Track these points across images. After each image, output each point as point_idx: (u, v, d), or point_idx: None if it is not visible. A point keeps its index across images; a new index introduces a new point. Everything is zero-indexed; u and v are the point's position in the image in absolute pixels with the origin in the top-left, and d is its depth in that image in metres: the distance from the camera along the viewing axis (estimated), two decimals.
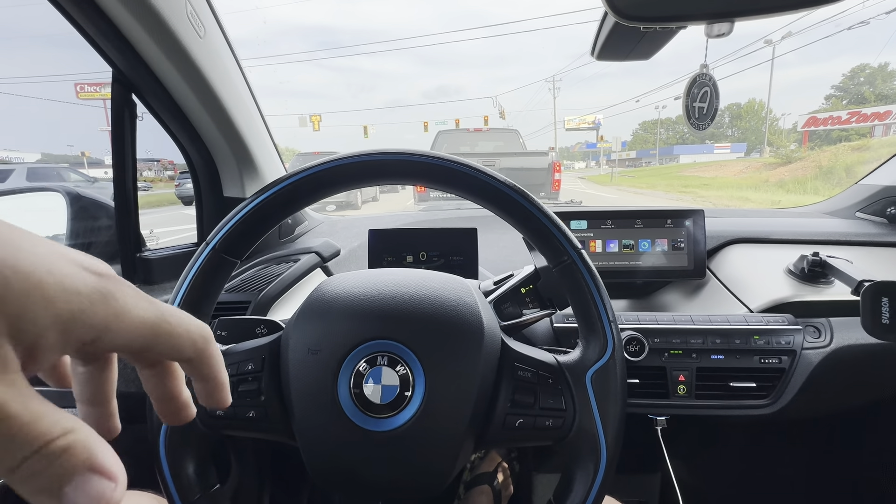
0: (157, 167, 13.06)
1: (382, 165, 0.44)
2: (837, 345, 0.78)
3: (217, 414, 0.42)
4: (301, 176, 0.44)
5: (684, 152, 41.25)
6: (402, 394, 0.41)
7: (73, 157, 12.90)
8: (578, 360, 0.44)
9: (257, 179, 0.96)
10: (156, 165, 12.92)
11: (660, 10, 0.54)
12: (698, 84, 0.66)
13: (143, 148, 0.83)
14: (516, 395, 0.43)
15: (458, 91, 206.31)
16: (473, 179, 0.44)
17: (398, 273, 0.49)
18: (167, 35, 0.63)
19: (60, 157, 12.76)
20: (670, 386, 0.77)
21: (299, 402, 0.41)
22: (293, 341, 0.43)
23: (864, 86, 36.73)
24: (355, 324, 0.43)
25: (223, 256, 0.44)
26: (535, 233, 0.45)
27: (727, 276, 0.94)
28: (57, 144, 28.62)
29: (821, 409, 0.85)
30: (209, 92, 0.75)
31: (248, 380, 0.43)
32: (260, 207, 0.44)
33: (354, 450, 0.41)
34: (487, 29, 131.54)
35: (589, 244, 0.97)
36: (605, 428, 0.42)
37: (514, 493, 1.09)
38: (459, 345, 0.42)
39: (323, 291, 0.46)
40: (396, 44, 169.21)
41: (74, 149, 14.05)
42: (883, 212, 1.14)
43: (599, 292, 0.44)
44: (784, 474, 1.20)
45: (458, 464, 0.42)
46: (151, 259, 0.81)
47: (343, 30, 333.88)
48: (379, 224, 1.18)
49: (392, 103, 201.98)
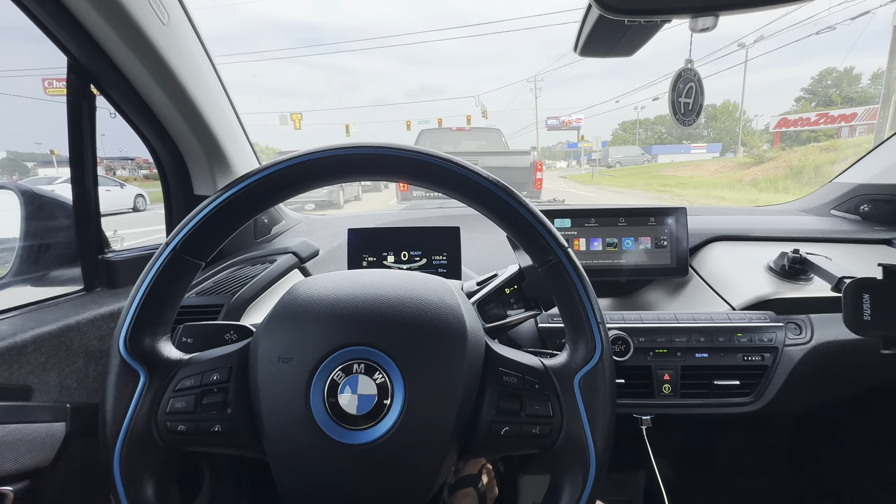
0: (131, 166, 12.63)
1: (362, 160, 0.42)
2: (818, 341, 0.78)
3: (178, 429, 0.39)
4: (272, 170, 0.41)
5: (662, 152, 42.09)
6: (380, 403, 0.38)
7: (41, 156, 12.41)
8: (566, 364, 0.42)
9: (229, 176, 0.92)
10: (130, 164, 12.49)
11: (645, 3, 0.53)
12: (683, 79, 0.65)
13: (118, 146, 0.79)
14: (501, 402, 0.41)
15: (441, 90, 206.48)
16: (457, 176, 0.42)
17: (375, 274, 0.46)
18: (125, 20, 0.58)
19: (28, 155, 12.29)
20: (655, 385, 0.77)
21: (269, 414, 0.38)
22: (262, 349, 0.40)
23: (832, 88, 38.09)
24: (329, 329, 0.40)
25: (185, 258, 0.41)
26: (520, 231, 0.43)
27: (709, 273, 0.95)
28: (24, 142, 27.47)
29: (803, 404, 0.86)
30: (175, 83, 0.70)
31: (214, 391, 0.40)
32: (226, 205, 0.41)
33: (329, 465, 0.38)
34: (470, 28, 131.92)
35: (573, 243, 0.96)
36: (594, 435, 0.40)
37: (498, 494, 1.07)
38: (441, 349, 0.40)
39: (295, 295, 0.43)
40: (379, 42, 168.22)
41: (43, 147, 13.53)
42: (856, 209, 1.16)
43: (587, 293, 0.42)
44: (767, 469, 1.21)
45: (440, 476, 0.40)
46: (115, 261, 0.77)
47: (325, 27, 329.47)
48: (359, 223, 1.15)
49: (375, 102, 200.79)
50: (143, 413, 0.39)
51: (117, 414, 0.38)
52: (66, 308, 0.68)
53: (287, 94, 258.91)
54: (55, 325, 0.63)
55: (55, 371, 0.62)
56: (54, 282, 0.80)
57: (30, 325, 0.61)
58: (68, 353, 0.64)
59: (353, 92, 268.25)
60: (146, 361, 0.40)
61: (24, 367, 0.59)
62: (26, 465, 0.54)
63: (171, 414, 0.39)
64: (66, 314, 0.65)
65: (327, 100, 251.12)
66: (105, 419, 0.39)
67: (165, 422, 0.39)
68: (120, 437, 0.38)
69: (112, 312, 0.71)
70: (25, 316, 0.64)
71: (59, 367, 0.62)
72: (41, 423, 0.57)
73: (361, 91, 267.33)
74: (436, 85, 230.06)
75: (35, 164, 13.55)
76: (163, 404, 0.39)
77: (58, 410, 0.60)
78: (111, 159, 10.99)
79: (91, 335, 0.67)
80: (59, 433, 0.58)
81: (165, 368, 0.40)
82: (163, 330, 0.42)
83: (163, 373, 0.40)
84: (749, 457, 1.22)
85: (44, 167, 12.90)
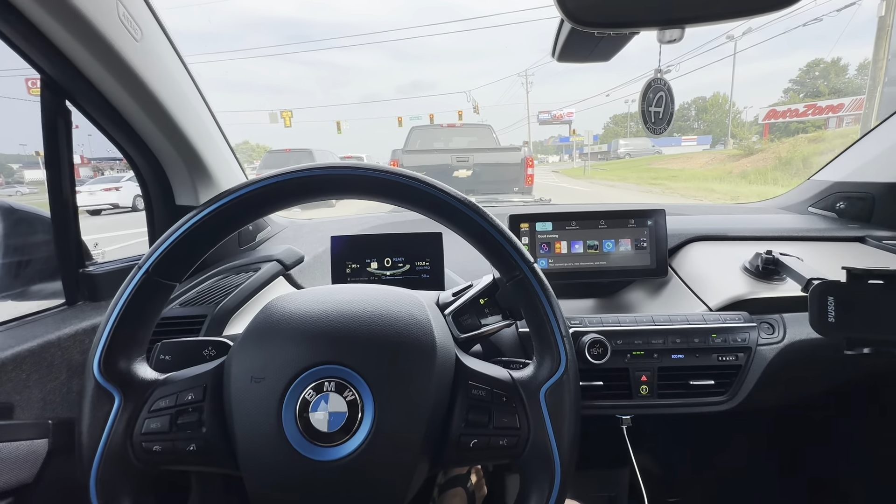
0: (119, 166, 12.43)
1: (330, 180, 0.42)
2: (790, 340, 0.80)
3: (154, 449, 0.40)
4: (242, 192, 0.42)
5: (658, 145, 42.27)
6: (350, 420, 0.39)
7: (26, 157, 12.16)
8: (532, 377, 0.43)
9: (211, 186, 0.92)
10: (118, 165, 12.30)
11: (611, 17, 0.54)
12: (653, 89, 0.66)
13: (105, 147, 0.78)
14: (470, 415, 0.42)
15: (431, 86, 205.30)
16: (425, 195, 0.43)
17: (347, 290, 0.47)
18: (97, 40, 0.58)
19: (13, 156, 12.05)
20: (633, 386, 0.78)
21: (243, 433, 0.39)
22: (235, 369, 0.41)
23: (820, 80, 38.40)
24: (300, 348, 0.41)
25: (158, 280, 0.42)
26: (487, 247, 0.44)
27: (688, 273, 0.96)
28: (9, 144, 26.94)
29: (776, 401, 0.88)
30: (151, 97, 0.70)
31: (189, 410, 0.41)
32: (198, 227, 0.41)
33: (302, 482, 0.39)
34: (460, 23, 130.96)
35: (555, 245, 0.97)
36: (560, 444, 0.41)
37: (487, 493, 1.09)
38: (410, 364, 0.41)
39: (268, 314, 0.44)
40: (369, 37, 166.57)
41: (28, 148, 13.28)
42: (833, 206, 1.19)
43: (552, 306, 0.43)
44: (743, 463, 1.25)
45: (411, 488, 0.41)
46: (97, 274, 0.76)
47: (313, 23, 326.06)
48: (344, 227, 1.15)
49: (365, 98, 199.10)
50: (118, 434, 0.40)
51: (92, 436, 0.39)
52: (48, 323, 0.68)
53: (277, 91, 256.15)
54: (35, 341, 0.63)
55: (37, 387, 0.62)
56: (36, 296, 0.79)
57: (10, 343, 0.61)
58: (50, 369, 0.64)
59: (344, 89, 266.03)
60: (121, 383, 0.40)
61: (4, 385, 0.59)
62: (8, 483, 0.55)
63: (146, 434, 0.40)
64: (46, 329, 0.65)
65: (317, 97, 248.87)
66: (81, 440, 0.39)
67: (141, 442, 0.40)
68: (96, 458, 0.39)
69: (94, 326, 0.71)
70: (5, 333, 0.65)
71: (41, 383, 0.63)
72: (23, 441, 0.58)
73: (352, 88, 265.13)
74: (427, 81, 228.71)
75: (21, 166, 13.30)
76: (138, 425, 0.40)
77: (40, 427, 0.60)
78: (99, 160, 10.81)
79: (73, 349, 0.67)
80: (42, 450, 0.59)
81: (140, 389, 0.41)
82: (137, 351, 0.42)
83: (138, 394, 0.41)
84: (726, 452, 1.25)
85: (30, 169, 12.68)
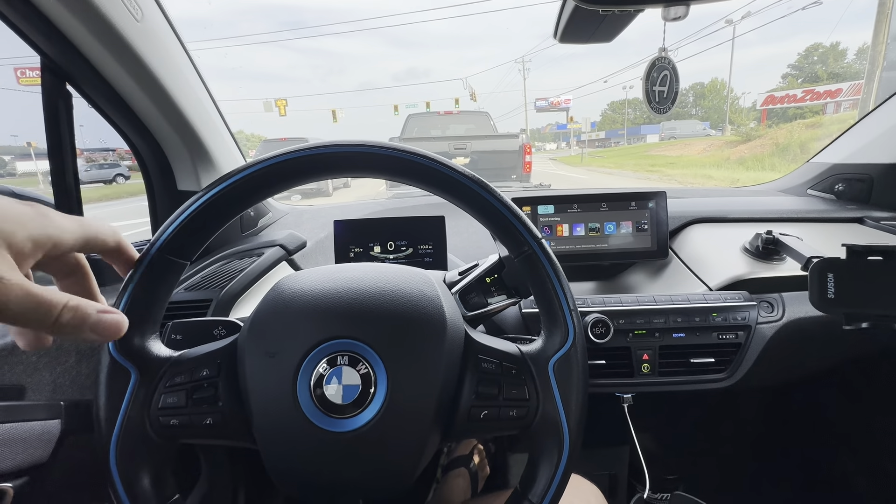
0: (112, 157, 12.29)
1: (338, 158, 0.42)
2: (789, 318, 0.82)
3: (171, 423, 0.40)
4: (251, 170, 0.42)
5: (651, 132, 42.09)
6: (364, 392, 0.40)
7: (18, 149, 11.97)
8: (541, 350, 0.44)
9: (213, 171, 0.92)
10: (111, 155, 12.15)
11: None
12: (657, 68, 0.66)
13: (98, 137, 0.77)
14: (480, 387, 0.43)
15: (428, 73, 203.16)
16: (433, 171, 0.43)
17: (357, 268, 0.47)
18: (98, 18, 0.57)
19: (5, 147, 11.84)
20: (635, 365, 0.80)
21: (258, 407, 0.40)
22: (250, 344, 0.42)
23: (818, 65, 38.18)
24: (313, 323, 0.41)
25: (170, 259, 0.42)
26: (494, 223, 0.44)
27: (688, 255, 0.97)
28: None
29: (775, 379, 0.90)
30: (152, 79, 0.70)
31: (204, 386, 0.42)
32: (209, 204, 0.42)
33: (318, 452, 0.40)
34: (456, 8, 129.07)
35: (557, 228, 0.98)
36: (568, 415, 0.42)
37: (490, 473, 1.12)
38: (421, 339, 0.42)
39: (279, 291, 0.45)
40: (364, 24, 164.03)
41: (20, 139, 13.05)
42: (831, 188, 1.20)
43: (560, 281, 0.44)
44: (740, 441, 1.27)
45: (424, 458, 0.42)
46: (101, 259, 0.77)
47: (308, 8, 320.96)
48: (346, 213, 1.16)
49: (361, 86, 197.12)
50: (136, 407, 0.40)
51: (111, 410, 0.40)
52: None
53: (271, 79, 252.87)
54: None
55: (47, 370, 0.63)
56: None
57: None
58: (59, 352, 0.65)
59: (339, 76, 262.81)
60: (136, 360, 0.41)
61: (15, 367, 0.60)
62: (24, 462, 0.56)
63: (163, 409, 0.41)
64: None
65: (312, 85, 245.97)
66: (99, 416, 0.40)
67: (158, 416, 0.41)
68: (114, 433, 0.40)
69: None
70: None
71: (50, 366, 0.63)
72: (37, 421, 0.59)
73: (347, 75, 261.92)
74: (423, 68, 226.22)
75: (13, 158, 13.15)
76: (155, 399, 0.41)
77: (52, 408, 0.61)
78: (91, 150, 10.69)
79: None
80: (55, 430, 0.60)
81: (155, 365, 0.42)
82: (151, 329, 0.43)
83: (153, 370, 0.42)
84: (725, 430, 1.28)
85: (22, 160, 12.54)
